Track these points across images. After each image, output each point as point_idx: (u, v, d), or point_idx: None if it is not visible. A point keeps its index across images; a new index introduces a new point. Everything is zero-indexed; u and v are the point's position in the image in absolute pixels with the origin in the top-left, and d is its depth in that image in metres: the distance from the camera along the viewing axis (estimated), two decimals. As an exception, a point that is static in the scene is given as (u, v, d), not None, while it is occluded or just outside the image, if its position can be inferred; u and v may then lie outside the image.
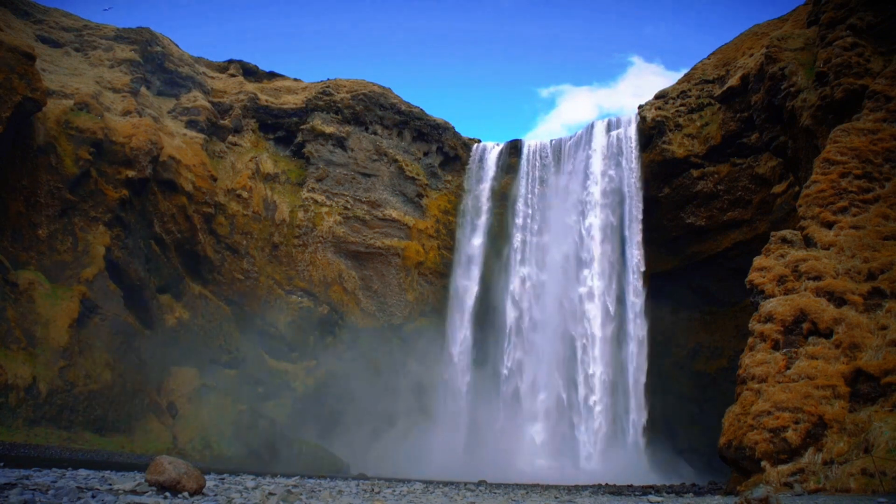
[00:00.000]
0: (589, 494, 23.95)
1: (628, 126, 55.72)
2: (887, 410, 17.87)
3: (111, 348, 45.71)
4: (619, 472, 40.93)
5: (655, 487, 31.74)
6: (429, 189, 64.48)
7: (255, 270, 58.01)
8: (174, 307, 52.58)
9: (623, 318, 51.21)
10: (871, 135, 27.53)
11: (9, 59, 43.00)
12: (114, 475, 19.15)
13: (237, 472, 30.49)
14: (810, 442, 18.29)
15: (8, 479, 14.90)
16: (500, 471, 42.96)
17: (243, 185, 59.30)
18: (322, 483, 23.34)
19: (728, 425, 20.64)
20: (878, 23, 31.88)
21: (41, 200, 45.59)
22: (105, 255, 46.80)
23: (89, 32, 60.67)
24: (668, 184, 53.15)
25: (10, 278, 41.96)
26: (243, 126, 63.73)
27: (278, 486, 18.24)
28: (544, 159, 60.64)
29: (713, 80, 52.94)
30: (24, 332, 41.06)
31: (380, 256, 61.45)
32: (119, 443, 43.57)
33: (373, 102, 65.22)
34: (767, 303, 23.08)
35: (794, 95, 34.83)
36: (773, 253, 25.45)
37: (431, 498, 18.26)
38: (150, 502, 12.22)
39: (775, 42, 38.66)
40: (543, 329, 54.43)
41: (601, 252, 53.02)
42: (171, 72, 62.09)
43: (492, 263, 59.90)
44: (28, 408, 39.07)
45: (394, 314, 60.72)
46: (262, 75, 69.79)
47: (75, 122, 48.14)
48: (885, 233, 23.74)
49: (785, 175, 45.71)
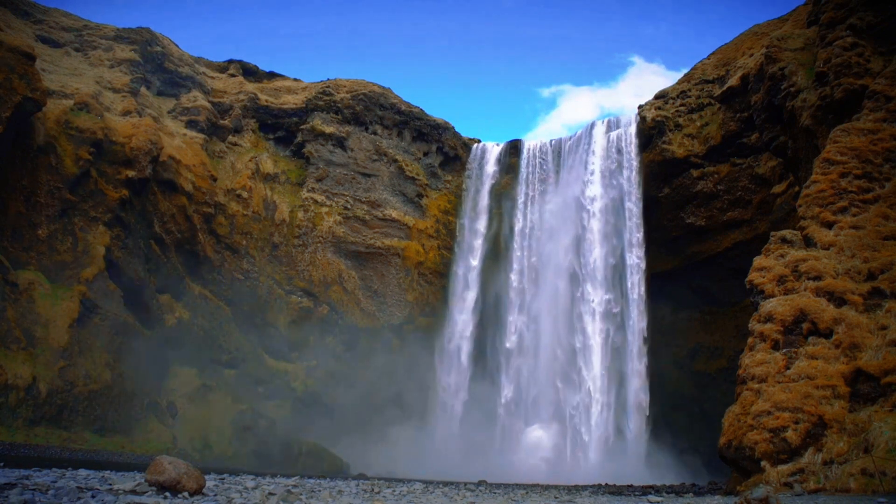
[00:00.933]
0: (589, 494, 23.94)
1: (628, 126, 55.71)
2: (887, 410, 17.87)
3: (111, 348, 45.70)
4: (619, 472, 40.91)
5: (655, 487, 31.74)
6: (429, 189, 64.49)
7: (255, 270, 58.01)
8: (174, 307, 52.58)
9: (623, 317, 51.19)
10: (871, 135, 27.54)
11: (9, 59, 43.01)
12: (114, 475, 19.15)
13: (237, 472, 30.49)
14: (810, 442, 18.29)
15: (8, 479, 14.90)
16: (499, 471, 42.96)
17: (243, 185, 59.30)
18: (322, 483, 23.33)
19: (728, 425, 20.63)
20: (878, 23, 31.89)
21: (41, 200, 45.59)
22: (105, 255, 46.81)
23: (89, 32, 60.68)
24: (668, 184, 53.14)
25: (10, 278, 41.96)
26: (243, 126, 63.73)
27: (278, 486, 18.24)
28: (544, 159, 60.63)
29: (713, 80, 52.94)
30: (24, 332, 41.07)
31: (380, 256, 61.45)
32: (119, 443, 43.57)
33: (373, 102, 65.23)
34: (767, 303, 23.08)
35: (794, 95, 34.84)
36: (773, 253, 25.46)
37: (431, 498, 18.26)
38: (150, 502, 12.22)
39: (775, 42, 38.67)
40: (543, 329, 54.41)
41: (601, 252, 53.01)
42: (171, 72, 62.10)
43: (491, 263, 59.91)
44: (28, 408, 39.08)
45: (394, 314, 60.72)
46: (262, 75, 69.80)
47: (75, 122, 48.15)
48: (885, 233, 23.74)
49: (785, 175, 45.71)
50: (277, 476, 27.45)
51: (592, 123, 59.02)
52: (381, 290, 61.17)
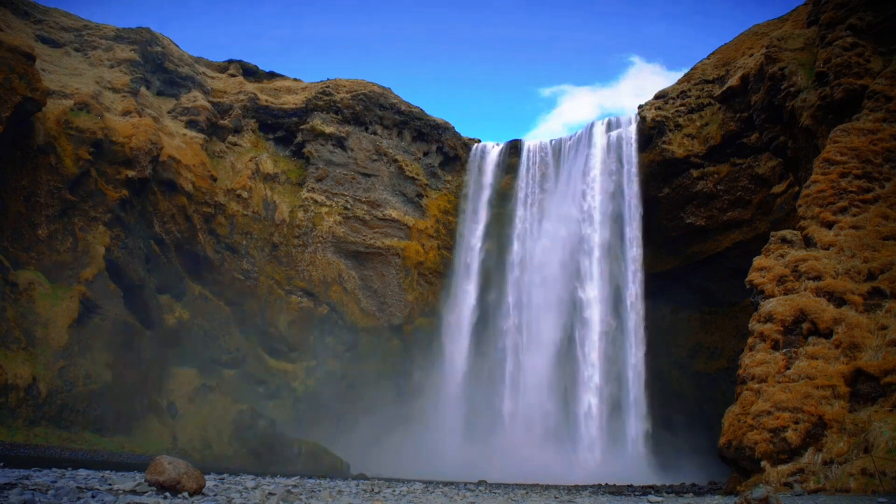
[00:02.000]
0: (589, 494, 23.94)
1: (628, 126, 55.69)
2: (887, 410, 17.88)
3: (111, 348, 45.69)
4: (619, 472, 40.90)
5: (655, 487, 31.74)
6: (429, 189, 64.49)
7: (255, 270, 58.02)
8: (174, 307, 52.58)
9: (623, 318, 51.19)
10: (871, 135, 27.53)
11: (9, 59, 43.00)
12: (114, 475, 19.15)
13: (237, 472, 30.50)
14: (810, 442, 18.29)
15: (8, 479, 14.90)
16: (499, 471, 42.95)
17: (243, 185, 59.30)
18: (322, 483, 23.33)
19: (728, 425, 20.63)
20: (878, 23, 31.88)
21: (41, 200, 45.58)
22: (105, 255, 46.79)
23: (89, 32, 60.68)
24: (668, 184, 53.13)
25: (10, 278, 41.95)
26: (243, 126, 63.73)
27: (278, 486, 18.24)
28: (544, 159, 60.60)
29: (713, 80, 52.92)
30: (24, 332, 41.06)
31: (380, 256, 61.46)
32: (119, 443, 43.56)
33: (373, 102, 65.23)
34: (767, 303, 23.08)
35: (794, 95, 34.84)
36: (773, 253, 25.46)
37: (431, 498, 18.26)
38: (150, 502, 12.22)
39: (775, 42, 38.66)
40: (543, 329, 54.38)
41: (601, 252, 52.98)
42: (171, 72, 62.10)
43: (491, 263, 59.91)
44: (28, 408, 39.07)
45: (394, 314, 60.73)
46: (262, 75, 69.82)
47: (75, 122, 48.13)
48: (884, 233, 23.74)
49: (785, 175, 45.70)
50: (277, 476, 27.45)
51: (592, 123, 59.05)
52: (381, 290, 61.17)
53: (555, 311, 54.01)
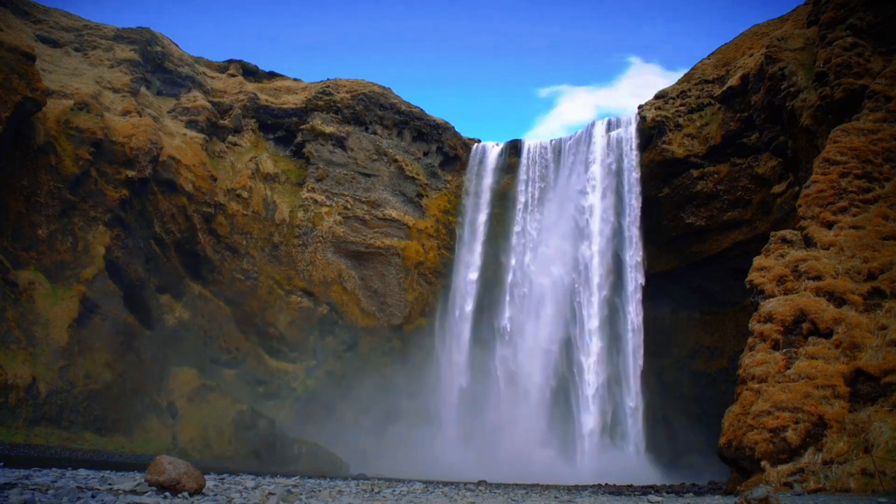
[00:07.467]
0: (589, 494, 23.93)
1: (628, 126, 55.69)
2: (887, 410, 17.88)
3: (111, 348, 45.70)
4: (619, 471, 40.89)
5: (655, 487, 31.74)
6: (429, 189, 64.48)
7: (255, 270, 58.00)
8: (174, 307, 52.59)
9: (623, 318, 51.17)
10: (871, 135, 27.54)
11: (9, 59, 43.00)
12: (114, 475, 19.15)
13: (237, 472, 30.49)
14: (810, 442, 18.29)
15: (8, 479, 14.90)
16: (499, 471, 42.93)
17: (243, 185, 59.30)
18: (322, 483, 23.33)
19: (728, 425, 20.64)
20: (878, 23, 31.90)
21: (41, 200, 45.58)
22: (105, 255, 46.80)
23: (89, 32, 60.66)
24: (668, 184, 53.14)
25: (10, 278, 41.95)
26: (243, 126, 63.72)
27: (278, 486, 18.24)
28: (544, 159, 60.60)
29: (713, 80, 52.93)
30: (24, 332, 41.06)
31: (380, 256, 61.46)
32: (119, 443, 43.57)
33: (373, 102, 65.23)
34: (767, 303, 23.08)
35: (794, 95, 34.85)
36: (773, 253, 25.46)
37: (431, 498, 18.26)
38: (150, 502, 12.22)
39: (775, 42, 38.68)
40: (543, 329, 54.40)
41: (601, 252, 53.00)
42: (171, 72, 62.09)
43: (491, 263, 59.91)
44: (28, 408, 39.08)
45: (394, 314, 60.73)
46: (262, 75, 69.79)
47: (75, 122, 48.13)
48: (884, 233, 23.74)
49: (785, 175, 45.71)
50: (277, 476, 27.44)
51: (592, 123, 59.05)
52: (381, 289, 61.17)
53: (554, 311, 54.04)
